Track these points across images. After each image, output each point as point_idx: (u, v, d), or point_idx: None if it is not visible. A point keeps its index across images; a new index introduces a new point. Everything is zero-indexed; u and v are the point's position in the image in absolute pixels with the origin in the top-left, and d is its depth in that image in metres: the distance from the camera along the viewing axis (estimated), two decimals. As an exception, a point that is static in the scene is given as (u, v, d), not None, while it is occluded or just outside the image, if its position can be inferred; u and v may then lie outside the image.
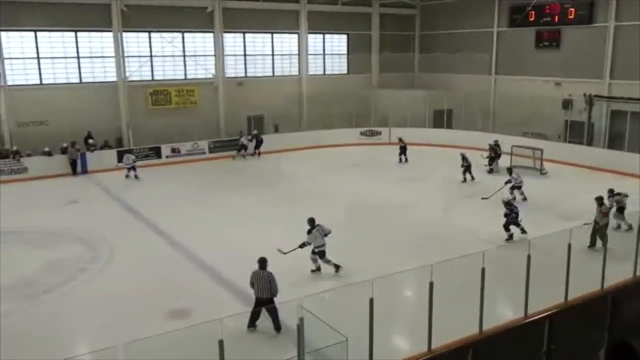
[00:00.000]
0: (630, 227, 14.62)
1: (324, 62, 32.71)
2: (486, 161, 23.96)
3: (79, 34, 25.25)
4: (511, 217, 14.98)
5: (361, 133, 30.25)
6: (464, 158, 22.29)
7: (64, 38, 25.02)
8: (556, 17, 27.32)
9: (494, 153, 23.98)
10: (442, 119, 30.58)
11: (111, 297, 11.95)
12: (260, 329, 10.11)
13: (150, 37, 26.99)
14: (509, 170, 20.09)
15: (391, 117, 29.72)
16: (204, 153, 26.85)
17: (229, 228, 16.59)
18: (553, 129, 26.89)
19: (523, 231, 14.96)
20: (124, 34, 26.09)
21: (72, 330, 10.67)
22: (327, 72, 32.79)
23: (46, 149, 23.43)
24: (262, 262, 10.24)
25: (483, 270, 9.27)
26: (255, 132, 27.74)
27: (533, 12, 28.19)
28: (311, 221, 13.21)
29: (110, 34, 25.79)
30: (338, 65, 33.35)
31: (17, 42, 24.10)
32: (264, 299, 9.87)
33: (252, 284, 10.15)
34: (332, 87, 31.39)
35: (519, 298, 10.13)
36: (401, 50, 34.53)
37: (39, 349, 9.68)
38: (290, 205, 19.22)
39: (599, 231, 13.54)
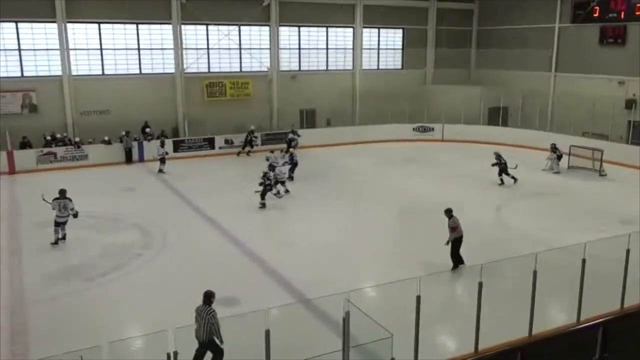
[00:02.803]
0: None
1: (378, 57, 32.50)
2: (545, 164, 23.22)
3: (140, 26, 25.98)
4: (501, 166, 19.94)
5: (414, 129, 29.93)
6: (498, 157, 20.90)
7: (125, 30, 25.81)
8: (622, 13, 26.21)
9: (556, 154, 23.13)
10: (497, 116, 29.88)
11: (161, 283, 12.29)
12: (306, 321, 10.18)
13: (207, 30, 27.50)
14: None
15: (445, 114, 29.28)
16: (257, 145, 27.19)
17: (279, 220, 16.78)
18: (615, 129, 25.82)
19: (514, 179, 19.98)
20: (183, 27, 26.69)
21: (123, 313, 11.03)
22: (381, 67, 32.58)
23: (106, 138, 24.30)
24: (207, 297, 8.50)
25: (535, 272, 9.05)
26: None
27: (597, 8, 27.15)
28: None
29: (170, 27, 26.44)
30: (392, 60, 33.06)
31: (82, 33, 25.00)
32: (201, 341, 8.27)
33: (196, 320, 8.44)
34: (385, 82, 31.20)
35: (572, 303, 9.84)
36: (457, 45, 33.91)
37: (92, 329, 10.06)
38: (340, 199, 19.28)
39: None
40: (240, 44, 28.38)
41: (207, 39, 27.60)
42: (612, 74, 26.56)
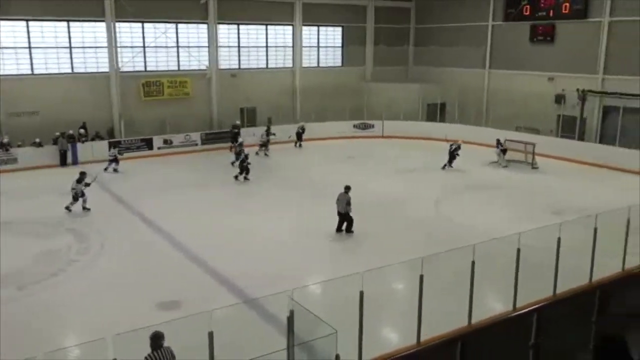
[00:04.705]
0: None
1: (318, 55, 32.63)
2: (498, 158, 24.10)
3: (71, 23, 25.04)
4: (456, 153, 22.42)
5: (354, 126, 30.23)
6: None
7: (56, 28, 24.83)
8: (551, 12, 27.36)
9: (500, 149, 23.99)
10: (435, 112, 30.60)
11: (100, 288, 11.92)
12: (250, 321, 10.10)
13: (143, 28, 26.81)
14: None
15: (384, 111, 29.70)
16: (197, 145, 26.77)
17: (221, 219, 16.57)
18: (545, 123, 26.94)
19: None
20: (117, 24, 25.90)
21: (60, 322, 10.62)
22: (321, 65, 32.73)
23: (37, 140, 23.28)
24: (155, 339, 7.34)
25: (473, 263, 9.29)
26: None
27: (528, 6, 28.22)
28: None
29: (103, 24, 25.60)
30: (332, 57, 33.27)
31: (9, 31, 23.86)
32: None
33: None
34: (326, 79, 31.34)
35: (508, 291, 10.18)
36: (396, 43, 34.46)
37: (26, 339, 9.64)
38: (284, 197, 19.23)
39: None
40: (177, 42, 27.82)
41: (143, 37, 26.91)
42: (542, 71, 27.66)
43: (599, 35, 25.42)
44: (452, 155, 23.05)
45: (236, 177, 21.01)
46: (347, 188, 15.36)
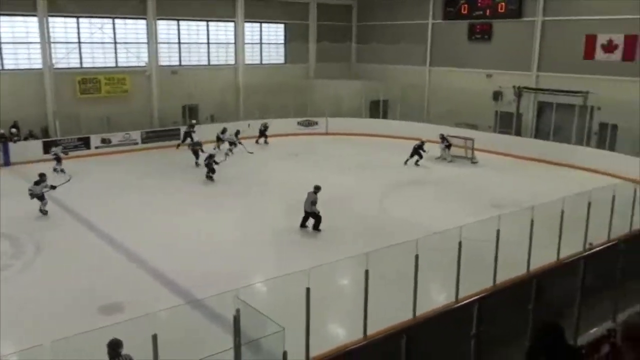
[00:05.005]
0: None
1: (261, 52, 32.40)
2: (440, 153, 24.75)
3: (1, 17, 23.84)
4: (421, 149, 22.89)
5: (298, 123, 30.23)
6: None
7: (-17, 22, 23.64)
8: (488, 11, 28.17)
9: (445, 144, 24.58)
10: (378, 109, 31.01)
11: (38, 293, 11.47)
12: (196, 321, 9.96)
13: (78, 23, 25.85)
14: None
15: (328, 108, 29.85)
16: (137, 144, 26.10)
17: (164, 220, 16.24)
18: (484, 119, 27.78)
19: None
20: (50, 19, 24.87)
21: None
22: (264, 62, 32.51)
23: (-37, 140, 22.11)
24: (114, 347, 7.39)
25: (417, 257, 9.49)
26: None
27: (466, 5, 28.94)
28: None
29: (35, 19, 24.51)
30: (275, 54, 33.12)
31: None
32: None
33: None
34: (269, 76, 31.16)
35: (451, 283, 10.45)
36: (338, 40, 34.63)
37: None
38: (227, 195, 19.05)
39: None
40: (115, 38, 26.99)
41: (78, 33, 25.94)
42: (480, 68, 28.46)
43: (533, 34, 26.38)
44: (416, 151, 23.44)
45: (210, 178, 20.62)
46: (316, 188, 15.45)
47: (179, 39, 29.06)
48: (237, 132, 25.72)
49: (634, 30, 22.91)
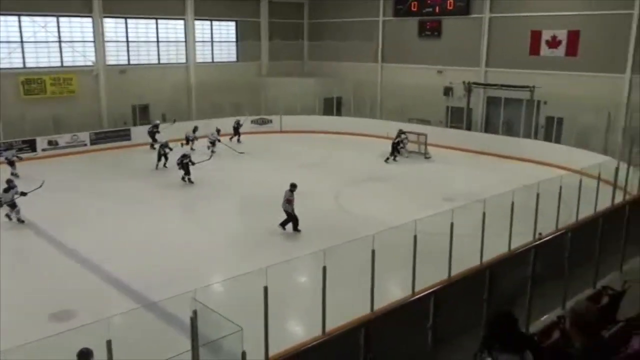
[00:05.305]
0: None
1: (212, 50, 32.00)
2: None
3: None
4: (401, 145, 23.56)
5: (252, 121, 30.01)
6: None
7: None
8: (437, 8, 28.64)
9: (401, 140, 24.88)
10: (332, 106, 31.13)
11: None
12: (152, 325, 9.78)
13: (20, 21, 24.91)
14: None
15: (282, 105, 29.77)
16: (85, 145, 25.39)
17: (115, 222, 15.87)
18: (436, 114, 28.27)
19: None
20: (-10, 17, 23.91)
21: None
22: (216, 60, 32.12)
23: None
24: (84, 357, 7.20)
25: (373, 252, 9.56)
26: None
27: (415, 3, 29.34)
28: None
29: (-27, 17, 23.55)
30: (227, 52, 32.78)
31: None
32: None
33: None
34: (221, 75, 30.81)
35: (407, 277, 10.58)
36: (291, 38, 34.56)
37: None
38: (179, 196, 18.76)
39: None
40: (59, 37, 26.15)
41: (20, 32, 25.00)
42: (431, 64, 28.92)
43: (481, 30, 26.98)
44: (395, 147, 23.85)
45: (189, 180, 20.00)
46: (292, 186, 15.16)
47: (127, 37, 28.39)
48: (218, 131, 25.50)
49: (576, 26, 23.75)
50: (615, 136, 21.55)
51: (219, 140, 25.06)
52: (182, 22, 30.19)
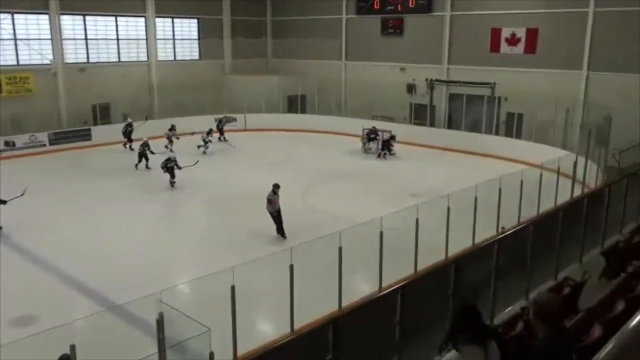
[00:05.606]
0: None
1: (174, 48, 31.54)
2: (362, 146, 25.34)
3: None
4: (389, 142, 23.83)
5: (216, 120, 29.68)
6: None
7: None
8: (399, 6, 28.86)
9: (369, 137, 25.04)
10: (296, 104, 31.09)
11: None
12: (117, 328, 9.61)
13: (-28, 19, 24.14)
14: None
15: (245, 104, 29.57)
16: (44, 145, 24.74)
17: (76, 225, 15.51)
18: (400, 111, 28.53)
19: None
20: (-60, 14, 23.06)
21: None
22: (178, 58, 31.68)
23: None
24: None
25: (340, 249, 9.62)
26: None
27: (378, 1, 29.51)
28: None
29: None
30: (189, 50, 32.35)
31: None
32: None
33: None
34: (184, 73, 30.39)
35: (374, 273, 10.67)
36: (254, 35, 34.37)
37: None
38: (144, 197, 18.45)
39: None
40: (15, 35, 25.35)
41: (-27, 29, 24.22)
42: (394, 61, 29.14)
43: (442, 28, 27.31)
44: (385, 144, 24.07)
45: (172, 184, 19.31)
46: (275, 187, 14.56)
47: (85, 34, 27.74)
48: (210, 131, 25.36)
49: (534, 24, 24.29)
50: (573, 131, 22.13)
51: (210, 141, 24.86)
52: (142, 19, 29.67)
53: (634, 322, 2.96)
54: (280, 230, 14.48)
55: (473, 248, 11.37)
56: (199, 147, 24.18)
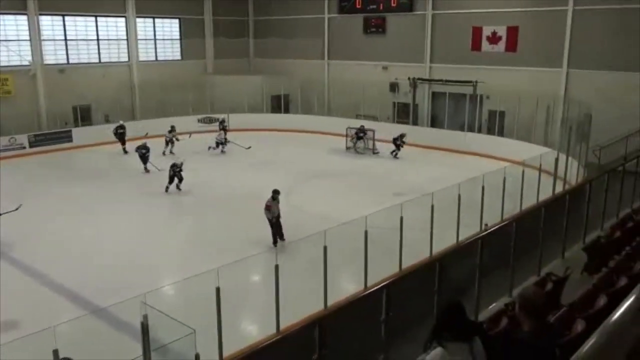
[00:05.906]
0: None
1: (156, 48, 31.29)
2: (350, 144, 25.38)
3: None
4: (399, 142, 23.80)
5: (199, 120, 29.54)
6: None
7: None
8: (381, 5, 28.93)
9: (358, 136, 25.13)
10: (279, 104, 31.03)
11: None
12: (101, 331, 9.51)
13: (-51, 19, 23.73)
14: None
15: (229, 104, 29.44)
16: (24, 148, 24.40)
17: (59, 229, 15.32)
18: (383, 110, 28.61)
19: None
20: None
21: None
22: (159, 58, 31.44)
23: None
24: None
25: (325, 248, 9.61)
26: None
27: (360, 0, 29.57)
28: None
29: None
30: (171, 50, 32.13)
31: None
32: None
33: None
34: (166, 73, 30.14)
35: (360, 272, 10.69)
36: (236, 35, 34.21)
37: None
38: (128, 199, 18.29)
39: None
40: (-7, 36, 25.01)
41: (-50, 30, 23.80)
42: (377, 60, 29.22)
43: (424, 27, 27.43)
44: (396, 144, 24.01)
45: (166, 189, 18.55)
46: (274, 192, 14.16)
47: (65, 35, 27.41)
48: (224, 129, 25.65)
49: (515, 22, 24.51)
50: (554, 128, 22.37)
51: (223, 143, 24.89)
52: (123, 19, 29.39)
53: (616, 316, 3.00)
54: (279, 236, 13.98)
55: (457, 246, 11.43)
56: (211, 148, 24.33)
